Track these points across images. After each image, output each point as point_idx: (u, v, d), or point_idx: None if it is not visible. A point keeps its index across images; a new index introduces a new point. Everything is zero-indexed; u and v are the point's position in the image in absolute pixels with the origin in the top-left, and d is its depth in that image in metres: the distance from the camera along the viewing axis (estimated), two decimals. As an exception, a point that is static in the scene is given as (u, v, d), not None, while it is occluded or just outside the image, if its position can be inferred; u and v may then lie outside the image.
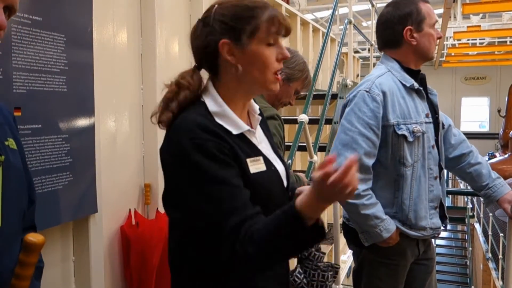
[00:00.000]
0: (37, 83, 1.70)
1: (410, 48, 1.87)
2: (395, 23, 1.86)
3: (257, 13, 1.13)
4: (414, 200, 1.81)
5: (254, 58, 1.14)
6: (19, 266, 0.92)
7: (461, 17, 12.36)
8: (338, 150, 1.77)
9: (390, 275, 1.89)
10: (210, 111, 1.15)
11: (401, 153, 1.79)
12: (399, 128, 1.77)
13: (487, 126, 22.02)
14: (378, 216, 1.77)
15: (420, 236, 1.85)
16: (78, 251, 2.05)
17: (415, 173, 1.80)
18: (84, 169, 1.95)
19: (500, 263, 6.99)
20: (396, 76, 1.85)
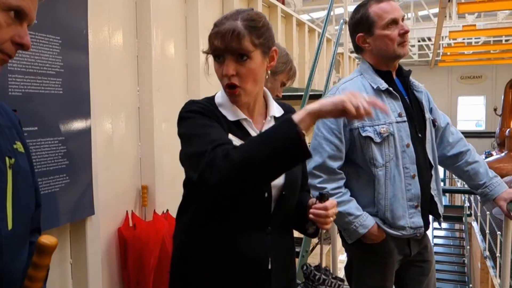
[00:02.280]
0: (32, 85, 1.70)
1: (369, 52, 1.91)
2: (352, 32, 1.95)
3: (211, 33, 1.29)
4: (389, 199, 1.83)
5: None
6: (32, 268, 0.93)
7: (456, 17, 12.39)
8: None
9: (378, 272, 1.91)
10: (216, 102, 1.35)
11: (370, 154, 1.82)
12: (364, 130, 1.81)
13: (484, 125, 22.08)
14: (351, 213, 1.81)
15: (400, 236, 1.86)
16: (75, 253, 2.05)
17: (388, 173, 1.82)
18: (81, 171, 1.94)
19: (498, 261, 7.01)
20: (367, 78, 1.89)
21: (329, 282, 1.42)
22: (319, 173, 1.83)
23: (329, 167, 1.83)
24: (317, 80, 5.50)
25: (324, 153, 1.83)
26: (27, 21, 0.95)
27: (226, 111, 1.32)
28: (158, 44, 2.55)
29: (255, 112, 1.38)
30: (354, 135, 1.83)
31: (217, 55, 1.27)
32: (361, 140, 1.82)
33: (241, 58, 1.25)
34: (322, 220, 1.28)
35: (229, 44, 1.23)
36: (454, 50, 16.05)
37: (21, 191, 1.00)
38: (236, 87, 1.26)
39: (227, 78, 1.26)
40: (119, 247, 2.28)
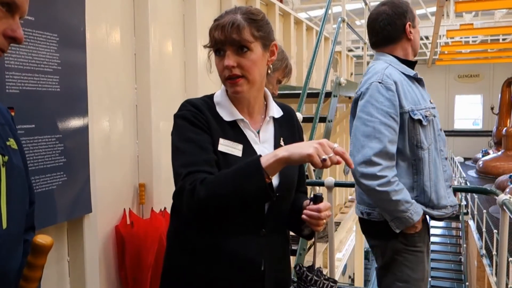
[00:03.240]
0: (30, 83, 1.70)
1: (408, 43, 1.99)
2: (396, 19, 1.97)
3: (211, 26, 1.31)
4: (433, 180, 1.87)
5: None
6: (27, 268, 0.92)
7: (454, 15, 12.42)
8: (361, 141, 1.80)
9: (418, 262, 1.91)
10: (214, 100, 1.37)
11: (417, 137, 1.85)
12: (414, 113, 1.84)
13: (481, 124, 22.14)
14: (408, 200, 1.80)
15: (442, 215, 1.90)
16: (72, 251, 2.04)
17: (431, 155, 1.87)
18: (78, 169, 1.94)
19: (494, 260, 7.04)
20: (397, 68, 1.93)
21: (321, 283, 1.42)
22: (379, 160, 1.76)
23: (390, 152, 1.79)
24: (314, 79, 5.50)
25: (384, 138, 1.77)
26: (19, 14, 0.93)
27: (223, 110, 1.33)
28: (156, 42, 2.54)
29: (254, 112, 1.38)
30: (405, 119, 1.83)
31: (218, 49, 1.28)
32: (410, 123, 1.84)
33: (241, 50, 1.26)
34: (314, 222, 1.29)
35: (230, 35, 1.24)
36: (452, 49, 16.09)
37: (15, 189, 0.99)
38: (238, 77, 1.27)
39: (228, 70, 1.26)
40: (117, 245, 2.28)
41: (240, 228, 1.28)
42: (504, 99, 15.81)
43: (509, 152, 13.40)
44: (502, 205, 1.99)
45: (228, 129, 1.31)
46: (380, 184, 1.75)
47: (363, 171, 1.76)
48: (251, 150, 1.31)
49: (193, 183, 1.17)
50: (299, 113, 2.99)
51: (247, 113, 1.37)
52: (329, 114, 3.75)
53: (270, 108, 1.41)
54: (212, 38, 1.28)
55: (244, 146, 1.30)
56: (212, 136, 1.28)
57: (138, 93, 2.48)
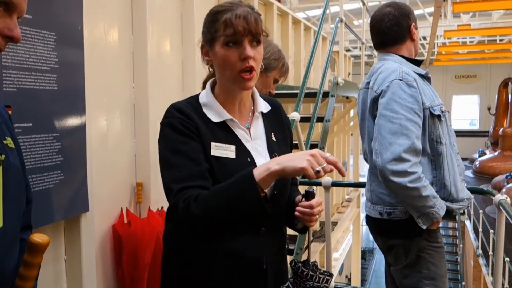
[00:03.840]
0: (27, 81, 1.69)
1: (412, 43, 2.06)
2: (402, 19, 2.03)
3: (217, 17, 1.25)
4: (452, 175, 1.90)
5: (217, 58, 1.27)
6: (23, 266, 0.92)
7: (451, 16, 12.44)
8: (389, 139, 1.80)
9: (441, 258, 1.95)
10: (200, 102, 1.32)
11: (437, 132, 1.88)
12: (434, 109, 1.88)
13: (478, 124, 22.20)
14: (435, 196, 1.83)
15: (460, 208, 1.94)
16: (69, 250, 2.04)
17: (447, 150, 1.91)
18: (76, 167, 1.94)
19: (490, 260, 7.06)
20: (408, 67, 1.96)
21: (317, 277, 1.43)
22: (409, 156, 1.77)
23: (418, 148, 1.80)
24: (312, 78, 5.50)
25: (411, 134, 1.78)
26: (16, 13, 0.93)
27: (210, 112, 1.30)
28: (154, 40, 2.54)
29: (245, 108, 1.36)
30: (425, 114, 1.86)
31: (232, 39, 1.22)
32: (430, 119, 1.87)
33: (255, 43, 1.25)
34: (307, 218, 1.31)
35: (252, 26, 1.22)
36: (449, 49, 16.12)
37: (11, 187, 0.99)
38: (253, 71, 1.25)
39: (246, 61, 1.22)
40: (114, 244, 2.28)
41: (241, 228, 1.27)
42: (501, 100, 15.83)
43: (506, 153, 13.43)
44: (499, 205, 2.00)
45: (218, 131, 1.28)
46: (411, 180, 1.76)
47: (394, 168, 1.75)
48: (244, 149, 1.30)
49: (187, 201, 1.15)
50: (297, 112, 2.98)
51: (238, 111, 1.34)
52: (327, 114, 3.75)
53: (258, 103, 1.39)
54: (232, 27, 1.21)
55: (237, 146, 1.28)
56: (202, 141, 1.24)
57: (135, 92, 2.48)
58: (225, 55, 1.24)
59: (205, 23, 1.30)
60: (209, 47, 1.29)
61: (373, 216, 2.02)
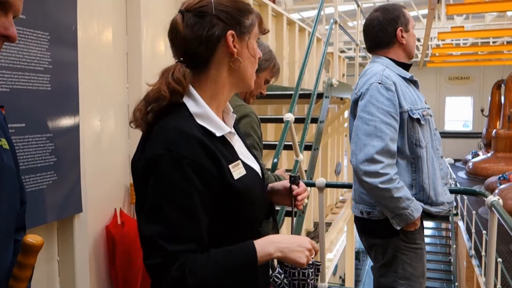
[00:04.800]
0: (20, 81, 1.68)
1: (401, 47, 2.07)
2: (387, 25, 2.05)
3: (251, 9, 1.16)
4: (432, 178, 1.93)
5: (251, 52, 1.16)
6: (17, 267, 0.92)
7: (445, 18, 12.50)
8: (363, 140, 1.85)
9: (418, 259, 1.97)
10: (192, 112, 1.11)
11: (416, 136, 1.91)
12: (413, 113, 1.91)
13: (471, 126, 22.31)
14: (409, 197, 1.86)
15: (440, 212, 1.96)
16: (62, 251, 2.03)
17: (428, 153, 1.94)
18: (69, 168, 1.93)
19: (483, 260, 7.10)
20: (394, 70, 2.01)
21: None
22: (381, 158, 1.82)
23: (391, 150, 1.84)
24: (307, 79, 5.51)
25: (385, 136, 1.83)
26: (12, 12, 0.93)
27: (209, 124, 1.12)
28: (148, 41, 2.53)
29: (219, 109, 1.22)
30: (404, 118, 1.91)
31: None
32: (409, 122, 1.91)
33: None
34: (298, 203, 1.34)
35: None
36: (443, 51, 16.20)
37: (5, 189, 0.98)
38: None
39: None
40: (107, 245, 2.27)
41: (244, 232, 1.20)
42: (494, 101, 15.94)
43: (499, 154, 13.52)
44: (491, 207, 2.01)
45: (222, 148, 1.12)
46: (382, 181, 1.80)
47: (366, 169, 1.80)
48: (245, 163, 1.19)
49: (181, 269, 1.00)
50: (291, 113, 2.99)
51: (220, 115, 1.21)
52: (321, 115, 3.76)
53: (228, 106, 1.26)
54: (262, 24, 1.20)
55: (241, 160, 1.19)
56: (224, 173, 1.09)
57: (130, 93, 2.47)
58: (258, 51, 1.22)
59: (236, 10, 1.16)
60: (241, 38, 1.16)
61: (356, 214, 2.09)
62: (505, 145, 13.11)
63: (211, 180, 1.06)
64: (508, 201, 8.02)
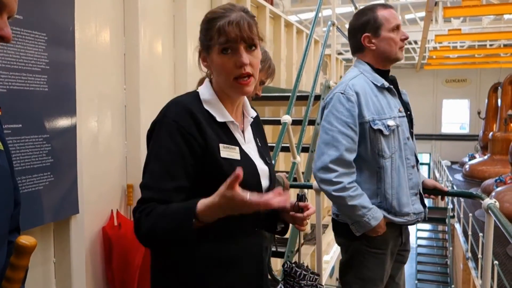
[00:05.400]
0: (17, 82, 1.68)
1: (372, 53, 2.04)
2: (357, 31, 2.06)
3: (211, 24, 1.24)
4: (396, 188, 1.94)
5: (213, 65, 1.26)
6: (10, 269, 0.91)
7: (442, 21, 12.54)
8: (322, 149, 1.92)
9: (378, 263, 2.01)
10: (201, 98, 1.28)
11: (379, 146, 1.93)
12: (375, 123, 1.92)
13: (467, 128, 22.36)
14: (365, 206, 1.89)
15: (405, 222, 1.98)
16: (59, 253, 2.02)
17: (394, 163, 1.94)
18: (66, 169, 1.92)
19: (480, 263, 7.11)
20: (368, 77, 2.01)
21: (309, 277, 1.48)
22: (335, 167, 1.87)
23: (347, 160, 1.89)
24: (304, 81, 5.51)
25: (340, 146, 1.88)
26: (6, 13, 0.92)
27: (214, 110, 1.26)
28: (146, 42, 2.53)
29: (239, 112, 1.36)
30: (365, 128, 1.93)
31: (227, 46, 1.21)
32: (371, 133, 1.92)
33: (250, 48, 1.24)
34: (299, 222, 1.35)
35: (246, 32, 1.21)
36: (440, 53, 16.24)
37: (0, 190, 0.98)
38: (250, 76, 1.24)
39: (242, 68, 1.21)
40: (104, 247, 2.26)
41: (240, 230, 1.27)
42: (491, 104, 15.99)
43: (495, 157, 13.55)
44: (488, 209, 2.02)
45: (220, 132, 1.26)
46: (335, 189, 1.88)
47: (322, 176, 1.89)
48: (244, 152, 1.29)
49: (142, 213, 1.15)
50: (288, 115, 2.99)
51: (234, 113, 1.33)
52: (318, 117, 3.76)
53: (249, 108, 1.39)
54: (225, 35, 1.20)
55: (239, 148, 1.28)
56: (208, 144, 1.20)
57: (127, 94, 2.47)
58: (221, 62, 1.23)
59: (201, 30, 1.29)
60: (206, 53, 1.27)
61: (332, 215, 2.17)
62: (502, 148, 13.12)
63: (196, 147, 1.19)
64: (504, 203, 8.04)
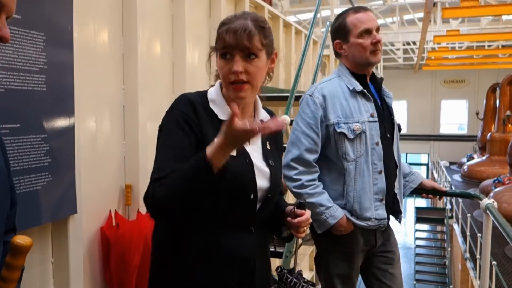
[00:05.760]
0: (15, 82, 1.67)
1: (345, 58, 2.08)
2: (332, 37, 2.14)
3: (219, 29, 1.31)
4: (358, 192, 1.98)
5: (218, 68, 1.34)
6: (5, 268, 0.91)
7: (440, 21, 12.58)
8: (288, 147, 2.02)
9: (345, 261, 2.06)
10: (208, 97, 1.36)
11: (343, 149, 1.97)
12: (339, 126, 1.96)
13: (466, 129, 22.40)
14: (323, 204, 1.95)
15: (365, 226, 2.01)
16: (57, 253, 2.02)
17: (358, 167, 1.98)
18: (64, 169, 1.92)
19: (478, 263, 7.12)
20: (344, 80, 2.05)
21: (300, 285, 1.48)
22: (296, 165, 1.97)
23: (306, 160, 1.97)
24: (303, 82, 5.52)
25: (301, 146, 1.97)
26: (5, 13, 0.92)
27: (217, 108, 1.34)
28: (144, 42, 2.53)
29: (247, 115, 1.40)
30: (330, 130, 1.98)
31: (225, 52, 1.28)
32: (336, 135, 1.97)
33: (249, 57, 1.28)
34: (296, 229, 1.38)
35: (241, 41, 1.26)
36: (438, 54, 16.27)
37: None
38: (244, 83, 1.28)
39: (234, 75, 1.27)
40: (102, 247, 2.26)
41: (232, 226, 1.32)
42: (489, 105, 16.01)
43: (493, 157, 13.56)
44: (486, 210, 2.02)
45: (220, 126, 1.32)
46: (295, 186, 1.97)
47: (285, 173, 1.97)
48: (243, 151, 1.32)
49: (155, 188, 1.21)
50: (287, 115, 2.99)
51: (240, 115, 1.38)
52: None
53: (259, 111, 1.44)
54: (222, 41, 1.28)
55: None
56: (203, 136, 1.28)
57: (125, 94, 2.47)
58: (220, 66, 1.31)
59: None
60: (216, 55, 1.35)
61: None
62: (500, 149, 13.14)
63: (196, 133, 1.28)
64: (503, 204, 8.05)
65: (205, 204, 1.23)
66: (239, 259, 1.33)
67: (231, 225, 1.32)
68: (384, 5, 12.86)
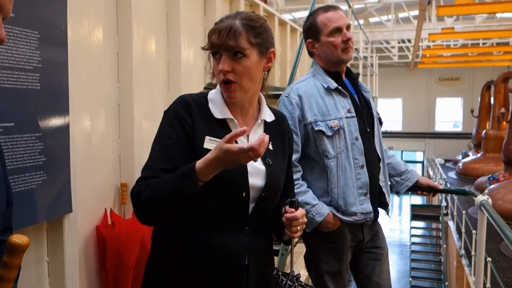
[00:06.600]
0: (9, 80, 1.67)
1: (318, 56, 2.11)
2: (304, 37, 2.16)
3: (210, 30, 1.34)
4: (341, 188, 2.00)
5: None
6: (2, 268, 0.91)
7: (435, 19, 12.62)
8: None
9: (334, 258, 2.08)
10: (208, 97, 1.39)
11: (322, 147, 1.99)
12: (316, 125, 1.98)
13: (461, 126, 22.50)
14: (308, 202, 1.97)
15: (352, 221, 2.02)
16: (52, 252, 2.01)
17: (339, 163, 1.99)
18: (59, 168, 1.91)
19: (473, 260, 7.15)
20: (319, 79, 2.08)
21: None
22: None
23: None
24: (298, 80, 5.52)
25: None
26: (1, 14, 0.92)
27: (215, 107, 1.37)
28: (139, 40, 2.52)
29: (248, 115, 1.41)
30: (308, 129, 1.99)
31: (214, 52, 1.32)
32: (314, 134, 1.98)
33: (236, 56, 1.29)
34: (289, 228, 1.35)
35: (225, 40, 1.27)
36: (433, 52, 16.33)
37: None
38: (231, 83, 1.30)
39: (222, 74, 1.29)
40: (98, 246, 2.25)
41: (225, 225, 1.32)
42: (484, 102, 16.08)
43: (488, 155, 13.63)
44: (480, 206, 2.03)
45: (216, 127, 1.35)
46: None
47: None
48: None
49: (141, 187, 1.26)
50: (283, 114, 2.99)
51: (240, 114, 1.40)
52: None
53: (263, 112, 1.44)
54: (209, 41, 1.32)
55: None
56: (195, 134, 1.31)
57: (120, 92, 2.46)
58: (213, 65, 1.35)
59: None
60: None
61: None
62: (495, 146, 13.19)
63: (189, 133, 1.31)
64: (497, 201, 8.09)
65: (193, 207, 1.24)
66: (229, 257, 1.32)
67: (223, 224, 1.31)
68: (379, 3, 12.88)
